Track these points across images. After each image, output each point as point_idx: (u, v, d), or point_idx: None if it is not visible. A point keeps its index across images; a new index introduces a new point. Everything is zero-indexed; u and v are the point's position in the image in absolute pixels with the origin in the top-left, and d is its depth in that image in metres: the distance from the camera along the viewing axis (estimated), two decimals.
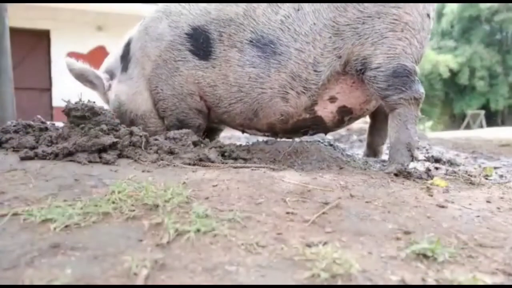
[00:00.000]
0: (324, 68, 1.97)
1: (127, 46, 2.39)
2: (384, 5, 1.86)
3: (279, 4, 2.01)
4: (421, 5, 1.88)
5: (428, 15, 1.93)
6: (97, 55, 8.63)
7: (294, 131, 2.26)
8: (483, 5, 21.73)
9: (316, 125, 2.20)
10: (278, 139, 2.46)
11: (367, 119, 2.48)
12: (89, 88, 2.49)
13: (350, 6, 1.89)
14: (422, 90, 1.88)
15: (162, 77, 2.23)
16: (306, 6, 1.95)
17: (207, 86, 2.17)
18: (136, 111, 2.34)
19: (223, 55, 2.09)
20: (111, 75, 2.46)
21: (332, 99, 2.07)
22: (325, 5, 1.93)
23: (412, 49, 1.88)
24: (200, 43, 2.12)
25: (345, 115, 2.13)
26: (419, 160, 2.62)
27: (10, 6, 3.38)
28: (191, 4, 2.18)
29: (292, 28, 1.97)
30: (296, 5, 1.97)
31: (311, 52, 1.96)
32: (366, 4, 1.87)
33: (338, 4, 1.91)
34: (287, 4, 1.99)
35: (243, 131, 2.44)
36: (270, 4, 2.02)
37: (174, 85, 2.21)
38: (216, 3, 2.11)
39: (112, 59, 2.50)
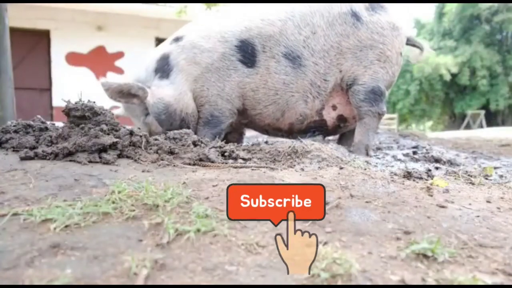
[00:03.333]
0: (331, 78, 2.57)
1: (164, 59, 2.61)
2: (375, 41, 2.52)
3: (301, 27, 2.54)
4: (397, 44, 2.57)
5: (401, 53, 2.63)
6: (97, 55, 8.63)
7: (305, 131, 2.76)
8: (483, 5, 21.70)
9: (321, 127, 2.75)
10: (279, 140, 2.56)
11: None
12: (125, 103, 2.59)
13: (351, 35, 2.52)
14: (384, 109, 2.59)
15: (211, 79, 2.57)
16: (319, 31, 2.54)
17: (250, 90, 2.60)
18: (186, 109, 2.57)
19: (264, 64, 2.56)
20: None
21: (334, 107, 2.69)
22: (333, 32, 2.53)
23: (386, 77, 2.58)
24: (249, 53, 2.56)
25: (341, 122, 2.75)
26: (418, 160, 2.62)
27: (10, 6, 3.39)
28: (235, 23, 2.59)
29: (311, 46, 2.53)
30: (312, 29, 2.54)
31: (322, 65, 2.54)
32: (363, 37, 2.52)
33: (343, 33, 2.52)
34: (307, 28, 2.54)
35: (267, 132, 2.87)
36: (296, 26, 2.54)
37: (224, 88, 2.58)
38: (256, 23, 2.55)
39: (142, 72, 2.66)
